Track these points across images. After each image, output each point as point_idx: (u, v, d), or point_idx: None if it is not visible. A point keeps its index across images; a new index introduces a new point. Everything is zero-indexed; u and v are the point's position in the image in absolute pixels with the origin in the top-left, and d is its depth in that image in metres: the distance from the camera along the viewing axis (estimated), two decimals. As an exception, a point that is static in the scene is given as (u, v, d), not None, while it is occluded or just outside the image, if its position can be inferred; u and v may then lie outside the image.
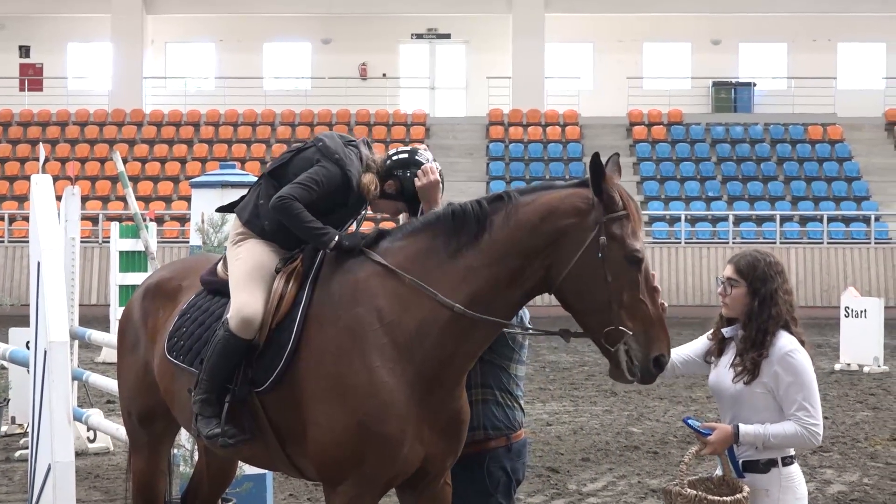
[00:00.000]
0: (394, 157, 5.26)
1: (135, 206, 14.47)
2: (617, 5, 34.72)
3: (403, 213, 5.35)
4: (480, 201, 4.76)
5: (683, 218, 28.86)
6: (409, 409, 4.65)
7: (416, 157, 5.24)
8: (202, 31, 36.43)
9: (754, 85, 35.79)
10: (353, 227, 5.32)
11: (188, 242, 8.35)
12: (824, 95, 34.14)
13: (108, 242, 18.20)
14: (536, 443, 10.86)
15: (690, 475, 4.77)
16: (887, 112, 34.06)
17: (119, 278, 15.26)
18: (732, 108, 35.27)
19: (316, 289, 4.90)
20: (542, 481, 9.41)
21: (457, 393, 4.81)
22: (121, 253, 15.32)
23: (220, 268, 5.35)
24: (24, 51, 36.62)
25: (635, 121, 33.71)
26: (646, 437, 11.52)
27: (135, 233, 14.75)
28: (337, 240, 4.88)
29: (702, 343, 5.05)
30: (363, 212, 5.31)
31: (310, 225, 4.91)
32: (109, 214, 27.81)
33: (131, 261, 15.22)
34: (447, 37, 36.74)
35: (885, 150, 33.12)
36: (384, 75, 36.19)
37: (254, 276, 5.01)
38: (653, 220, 29.16)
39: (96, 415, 9.70)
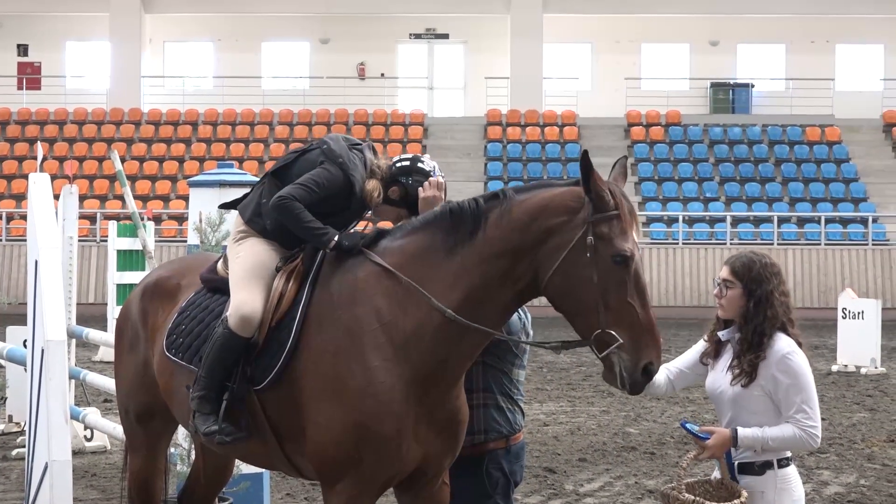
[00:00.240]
0: (398, 164, 5.28)
1: (133, 205, 14.47)
2: (615, 6, 34.68)
3: (404, 221, 5.36)
4: (477, 199, 4.76)
5: (681, 219, 28.84)
6: (406, 408, 4.66)
7: (421, 165, 5.27)
8: (200, 31, 36.39)
9: (752, 86, 35.74)
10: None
11: (186, 241, 8.33)
12: (822, 97, 34.09)
13: (106, 241, 18.20)
14: (533, 443, 10.85)
15: (688, 477, 4.74)
16: (885, 114, 34.01)
17: (117, 277, 15.23)
18: (730, 109, 35.22)
19: (316, 288, 4.91)
20: (539, 482, 9.41)
21: (454, 393, 4.81)
22: (118, 252, 15.29)
23: (220, 265, 5.37)
24: (22, 49, 36.57)
25: (633, 121, 33.69)
26: (643, 437, 11.52)
27: (133, 232, 14.73)
28: (336, 240, 4.89)
29: (693, 353, 5.02)
30: (365, 216, 5.32)
31: (309, 225, 4.92)
32: (107, 213, 27.76)
33: (129, 260, 15.18)
34: (445, 37, 36.71)
35: (882, 152, 33.10)
36: (382, 75, 36.15)
37: (254, 274, 5.02)
38: (650, 220, 29.13)
39: (93, 413, 9.68)
